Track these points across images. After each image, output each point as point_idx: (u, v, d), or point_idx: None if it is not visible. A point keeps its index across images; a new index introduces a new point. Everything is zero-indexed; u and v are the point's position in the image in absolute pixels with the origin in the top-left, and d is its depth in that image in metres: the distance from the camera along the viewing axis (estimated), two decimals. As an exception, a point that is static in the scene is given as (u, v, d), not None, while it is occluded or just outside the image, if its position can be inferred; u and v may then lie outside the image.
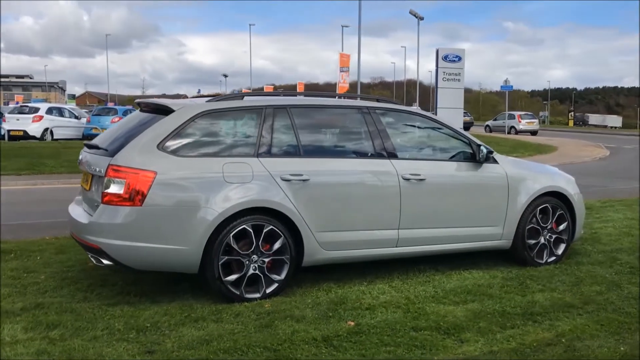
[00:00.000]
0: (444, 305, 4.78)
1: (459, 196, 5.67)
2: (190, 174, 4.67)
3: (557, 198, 6.17)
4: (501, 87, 40.81)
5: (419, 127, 5.94)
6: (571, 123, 70.85)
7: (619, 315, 4.64)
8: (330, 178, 5.13)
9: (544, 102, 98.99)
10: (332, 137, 5.45)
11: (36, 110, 25.27)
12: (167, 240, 4.57)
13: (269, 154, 4.96)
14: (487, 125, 45.40)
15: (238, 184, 4.75)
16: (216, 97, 5.20)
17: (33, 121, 23.98)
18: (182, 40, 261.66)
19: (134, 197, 4.50)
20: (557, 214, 6.14)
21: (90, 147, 5.10)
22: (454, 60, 31.61)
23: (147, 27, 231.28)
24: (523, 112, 46.58)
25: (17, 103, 37.49)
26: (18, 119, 24.33)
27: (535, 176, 6.10)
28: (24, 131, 23.60)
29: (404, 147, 5.66)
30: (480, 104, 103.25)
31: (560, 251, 6.21)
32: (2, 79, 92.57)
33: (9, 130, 23.88)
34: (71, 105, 37.11)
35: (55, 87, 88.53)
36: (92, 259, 4.84)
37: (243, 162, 4.82)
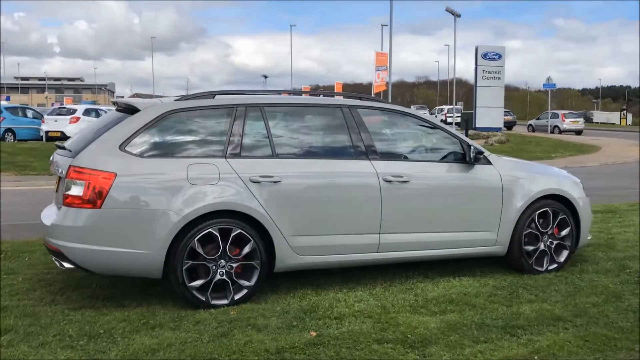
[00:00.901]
0: (420, 316, 4.50)
1: (446, 199, 5.35)
2: (152, 176, 4.51)
3: (559, 201, 5.78)
4: (544, 85, 39.58)
5: (405, 127, 5.65)
6: (624, 122, 68.30)
7: (610, 330, 4.27)
8: (304, 180, 4.90)
9: (594, 100, 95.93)
10: (309, 137, 5.20)
11: (73, 111, 25.81)
12: (127, 244, 4.43)
13: (238, 154, 4.76)
14: (530, 125, 44.16)
15: (203, 185, 4.57)
16: (186, 95, 5.03)
17: (70, 122, 24.44)
18: (228, 42, 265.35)
19: (94, 199, 4.37)
20: (559, 218, 5.74)
21: (61, 148, 5.02)
22: (494, 58, 31.00)
23: (195, 30, 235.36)
24: (567, 111, 45.16)
25: (52, 104, 38.29)
26: (56, 120, 24.88)
27: (534, 178, 5.72)
28: (62, 132, 24.08)
29: (387, 148, 5.37)
30: (528, 103, 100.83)
31: (562, 258, 5.81)
32: (55, 82, 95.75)
33: (47, 132, 24.47)
34: (108, 107, 37.83)
35: (103, 89, 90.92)
36: (55, 262, 4.75)
37: (209, 163, 4.65)
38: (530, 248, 5.66)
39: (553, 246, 5.75)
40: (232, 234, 4.61)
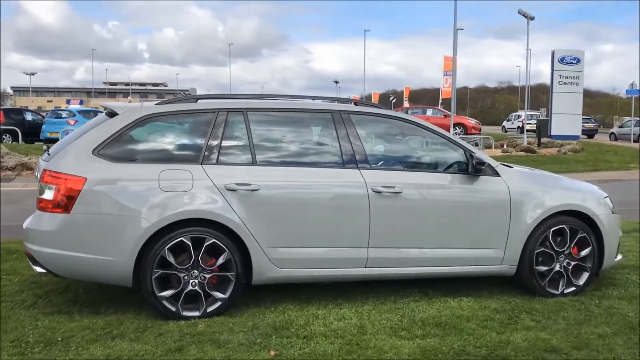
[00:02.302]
0: (397, 339, 4.15)
1: (445, 213, 4.95)
2: (124, 181, 4.40)
3: (579, 218, 5.24)
4: (627, 91, 37.36)
5: (403, 134, 5.29)
6: None
7: (608, 366, 3.78)
8: (284, 189, 4.65)
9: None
10: (294, 144, 4.94)
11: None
12: (96, 250, 4.34)
13: (216, 161, 4.59)
14: (612, 133, 41.72)
15: (175, 192, 4.42)
16: (167, 99, 4.91)
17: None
18: (308, 48, 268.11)
19: (63, 203, 4.32)
20: (578, 237, 5.21)
21: (46, 152, 5.01)
22: (572, 63, 29.57)
23: (277, 36, 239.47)
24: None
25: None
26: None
27: (549, 192, 5.21)
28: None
29: (380, 156, 5.04)
30: (618, 110, 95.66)
31: (581, 281, 5.27)
32: (140, 87, 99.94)
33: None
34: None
35: (183, 94, 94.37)
36: (31, 266, 4.73)
37: (183, 170, 4.49)
38: (543, 268, 5.16)
39: (571, 267, 5.22)
40: (206, 244, 4.44)
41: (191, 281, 4.45)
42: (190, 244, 4.41)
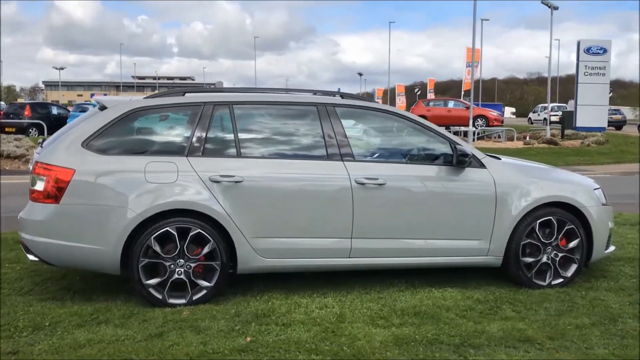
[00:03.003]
0: (373, 328, 4.23)
1: (428, 204, 5.00)
2: (111, 172, 4.55)
3: (567, 210, 5.24)
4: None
5: (388, 127, 5.34)
6: None
7: (579, 355, 3.82)
8: (268, 180, 4.75)
9: None
10: (279, 136, 5.03)
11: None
12: (84, 240, 4.51)
13: (201, 153, 4.71)
14: (641, 125, 40.88)
15: (160, 184, 4.56)
16: (155, 93, 5.04)
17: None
18: (336, 40, 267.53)
19: (53, 194, 4.49)
20: (566, 228, 5.21)
21: (41, 145, 5.19)
22: (598, 53, 29.06)
23: (304, 29, 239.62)
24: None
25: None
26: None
27: (536, 183, 5.21)
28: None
29: (364, 149, 5.11)
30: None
31: (569, 273, 5.27)
32: (167, 80, 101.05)
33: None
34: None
35: (208, 87, 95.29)
36: (25, 254, 4.92)
37: (169, 161, 4.62)
38: (530, 260, 5.18)
39: (558, 259, 5.23)
40: (191, 234, 4.57)
41: (177, 270, 4.59)
42: (175, 234, 4.55)
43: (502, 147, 25.41)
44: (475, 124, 29.14)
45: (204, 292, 4.65)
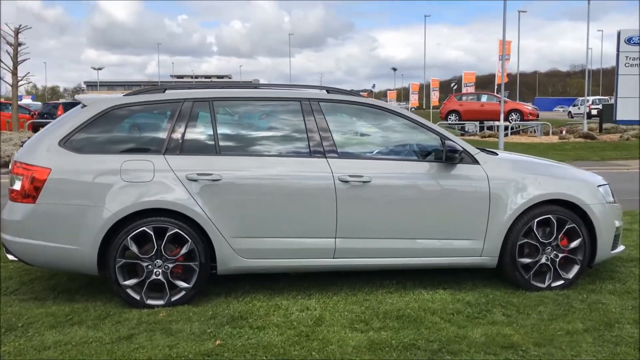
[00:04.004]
0: (350, 332, 4.06)
1: (417, 202, 4.79)
2: (86, 172, 4.49)
3: (568, 208, 4.96)
4: None
5: (377, 122, 5.13)
6: None
7: (564, 365, 3.58)
8: (247, 178, 4.62)
9: None
10: (260, 133, 4.90)
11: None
12: (61, 240, 4.46)
13: (178, 151, 4.60)
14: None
15: (136, 183, 4.47)
16: (135, 90, 4.96)
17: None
18: (374, 35, 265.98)
19: (30, 193, 4.45)
20: (567, 227, 4.93)
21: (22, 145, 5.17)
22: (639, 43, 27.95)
23: (342, 25, 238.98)
24: None
25: None
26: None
27: (534, 180, 4.94)
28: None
29: (350, 145, 4.92)
30: None
31: (571, 274, 4.99)
32: (205, 79, 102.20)
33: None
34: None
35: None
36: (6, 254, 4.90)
37: (145, 160, 4.53)
38: (527, 261, 4.92)
39: (558, 259, 4.95)
40: (168, 234, 4.47)
41: (155, 270, 4.50)
42: (152, 233, 4.46)
43: (536, 141, 24.76)
44: (510, 118, 28.48)
45: (183, 293, 4.55)
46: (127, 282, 4.49)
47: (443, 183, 4.82)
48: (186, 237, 4.50)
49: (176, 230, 4.49)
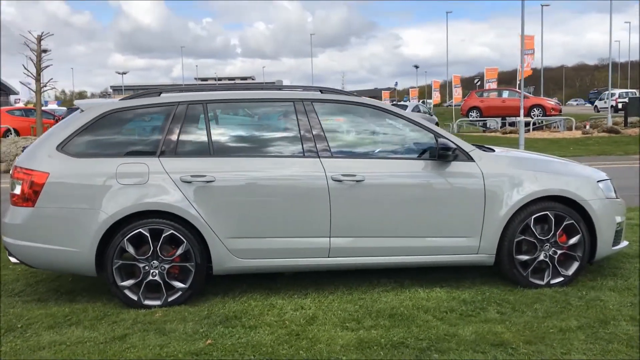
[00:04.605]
0: (340, 330, 4.08)
1: (410, 200, 4.78)
2: (83, 175, 4.58)
3: (567, 204, 4.91)
4: None
5: (371, 122, 5.13)
6: None
7: (553, 362, 3.55)
8: (241, 179, 4.67)
9: None
10: (253, 134, 4.95)
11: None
12: (60, 242, 4.56)
13: (173, 153, 4.67)
14: None
15: (131, 185, 4.55)
16: (131, 95, 5.04)
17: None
18: (398, 33, 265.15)
19: (29, 197, 4.56)
20: (565, 224, 4.88)
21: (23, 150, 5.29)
22: (665, 35, 27.42)
23: (365, 24, 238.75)
24: None
25: None
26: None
27: (531, 176, 4.90)
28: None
29: (343, 145, 4.93)
30: None
31: (571, 271, 4.94)
32: (229, 81, 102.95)
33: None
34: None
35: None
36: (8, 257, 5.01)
37: (140, 163, 4.61)
38: (525, 258, 4.88)
39: (557, 256, 4.91)
40: (164, 235, 4.54)
41: (151, 271, 4.57)
42: (148, 235, 4.53)
43: (559, 137, 24.44)
44: (532, 114, 28.14)
45: (180, 293, 4.62)
46: (125, 283, 4.57)
47: (437, 181, 4.81)
48: (182, 238, 4.57)
49: (172, 231, 4.55)
